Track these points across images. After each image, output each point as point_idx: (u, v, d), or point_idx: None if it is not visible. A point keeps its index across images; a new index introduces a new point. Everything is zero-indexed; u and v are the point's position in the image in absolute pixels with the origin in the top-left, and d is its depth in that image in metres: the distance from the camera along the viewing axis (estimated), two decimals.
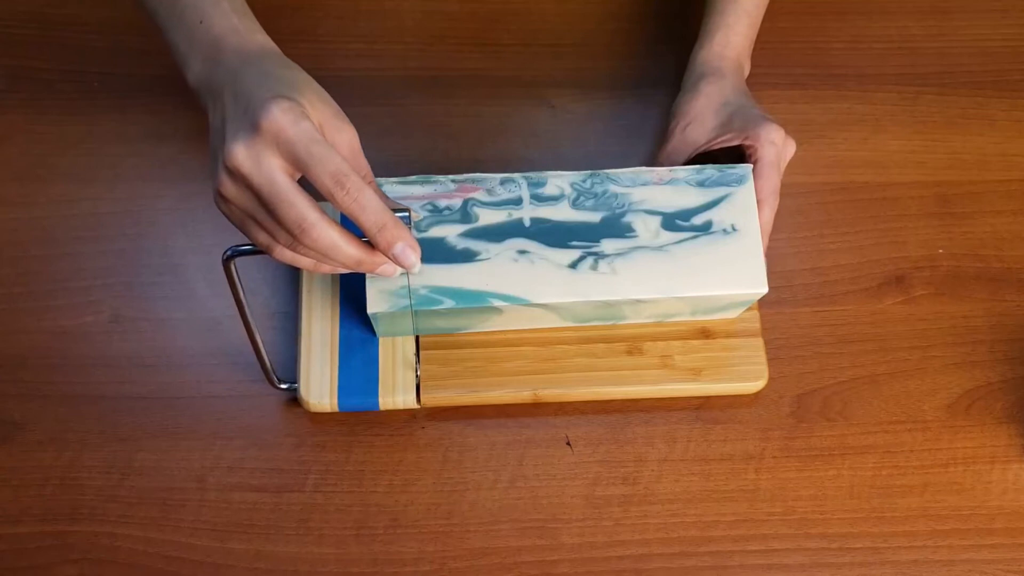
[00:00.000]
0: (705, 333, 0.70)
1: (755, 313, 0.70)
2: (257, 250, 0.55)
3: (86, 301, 0.71)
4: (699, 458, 0.69)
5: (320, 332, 0.69)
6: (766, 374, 0.69)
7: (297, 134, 0.49)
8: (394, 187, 0.64)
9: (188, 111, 0.77)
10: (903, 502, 0.68)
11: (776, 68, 0.81)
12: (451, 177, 0.65)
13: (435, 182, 0.65)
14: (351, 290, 0.69)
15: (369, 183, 0.53)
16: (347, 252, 0.52)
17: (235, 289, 0.58)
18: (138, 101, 0.77)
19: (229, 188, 0.51)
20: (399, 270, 0.56)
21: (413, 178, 0.64)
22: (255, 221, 0.52)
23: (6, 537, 0.65)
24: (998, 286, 0.74)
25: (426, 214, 0.64)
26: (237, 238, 0.57)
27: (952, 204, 0.77)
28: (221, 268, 0.72)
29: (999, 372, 0.72)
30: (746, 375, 0.69)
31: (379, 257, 0.54)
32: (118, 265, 0.72)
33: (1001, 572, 0.67)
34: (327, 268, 0.55)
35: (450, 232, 0.63)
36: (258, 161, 0.49)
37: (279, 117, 0.49)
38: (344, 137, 0.54)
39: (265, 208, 0.51)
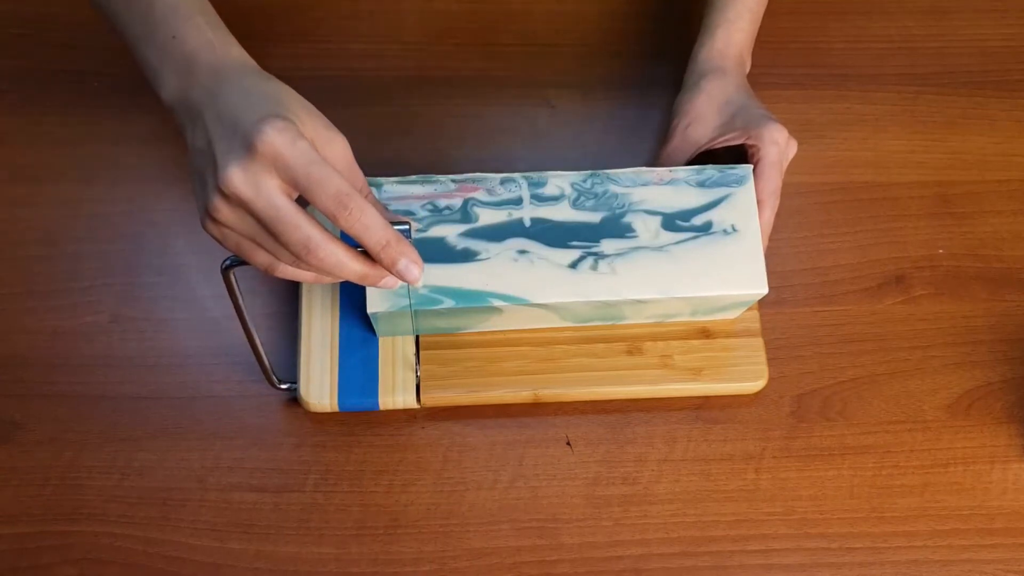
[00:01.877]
0: (705, 333, 0.70)
1: (755, 313, 0.71)
2: None
3: (86, 301, 0.71)
4: (699, 458, 0.69)
5: (320, 332, 0.69)
6: (766, 374, 0.69)
7: (295, 156, 0.48)
8: (394, 187, 0.64)
9: None
10: (903, 502, 0.68)
11: (776, 68, 0.80)
12: (451, 177, 0.65)
13: (435, 182, 0.65)
14: (351, 290, 0.69)
15: (366, 196, 0.53)
16: (352, 269, 0.52)
17: (235, 298, 0.58)
18: (138, 101, 0.77)
19: (225, 213, 0.50)
20: (400, 282, 0.56)
21: (413, 178, 0.64)
22: (254, 243, 0.51)
23: (6, 537, 0.65)
24: (998, 286, 0.74)
25: (426, 214, 0.64)
26: None
27: (952, 204, 0.77)
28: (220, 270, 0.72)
29: (999, 372, 0.72)
30: (746, 375, 0.69)
31: (382, 271, 0.53)
32: (118, 265, 0.72)
33: (1001, 572, 0.67)
34: (328, 280, 0.54)
35: (450, 232, 0.63)
36: (256, 184, 0.48)
37: (275, 138, 0.48)
38: (337, 149, 0.53)
39: (266, 230, 0.50)
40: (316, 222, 0.50)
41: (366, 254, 0.53)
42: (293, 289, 0.72)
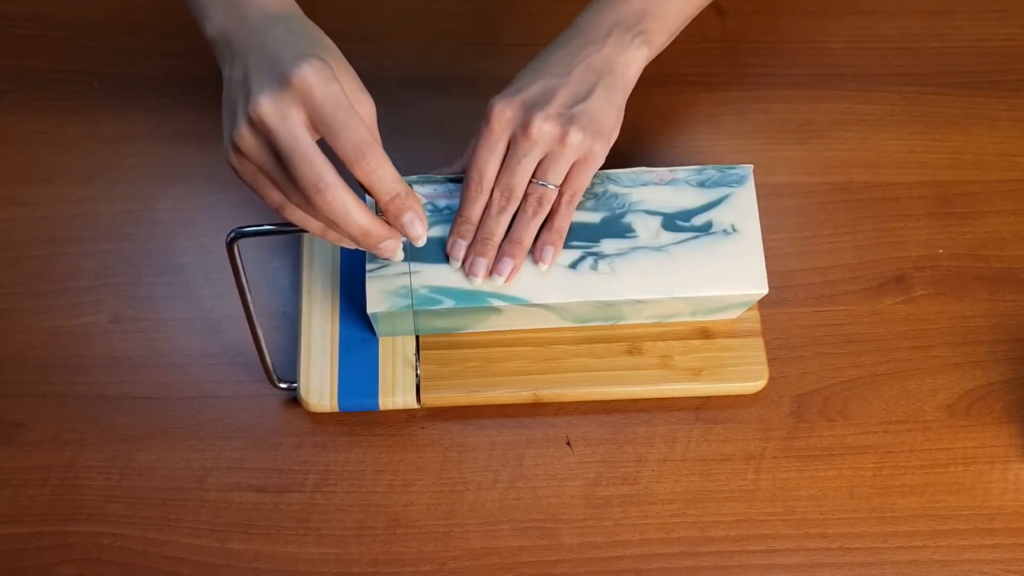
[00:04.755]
0: (705, 333, 0.70)
1: (755, 313, 0.70)
2: (260, 231, 0.55)
3: (86, 301, 0.71)
4: (699, 458, 0.69)
5: (320, 332, 0.69)
6: (766, 374, 0.69)
7: (325, 95, 0.49)
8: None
9: (188, 111, 0.77)
10: (903, 502, 0.68)
11: (776, 68, 0.80)
12: (451, 177, 0.65)
13: (435, 182, 0.65)
14: (351, 290, 0.69)
15: None
16: (357, 220, 0.52)
17: (237, 273, 0.58)
18: (138, 101, 0.77)
19: (248, 141, 0.51)
20: (399, 253, 0.56)
21: (413, 178, 0.65)
22: (269, 179, 0.52)
23: (6, 537, 0.65)
24: (998, 286, 0.74)
25: (426, 214, 0.64)
26: None
27: (952, 204, 0.77)
28: (221, 267, 0.72)
29: (999, 372, 0.72)
30: (746, 375, 0.69)
31: (384, 231, 0.54)
32: (118, 265, 0.72)
33: (1001, 572, 0.67)
34: (333, 236, 0.55)
35: None
36: (284, 115, 0.49)
37: (310, 76, 0.49)
38: (365, 110, 0.54)
39: (282, 165, 0.51)
40: (331, 166, 0.50)
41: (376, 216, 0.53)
42: (294, 289, 0.72)
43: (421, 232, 0.54)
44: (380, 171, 0.51)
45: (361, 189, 0.53)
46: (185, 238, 0.73)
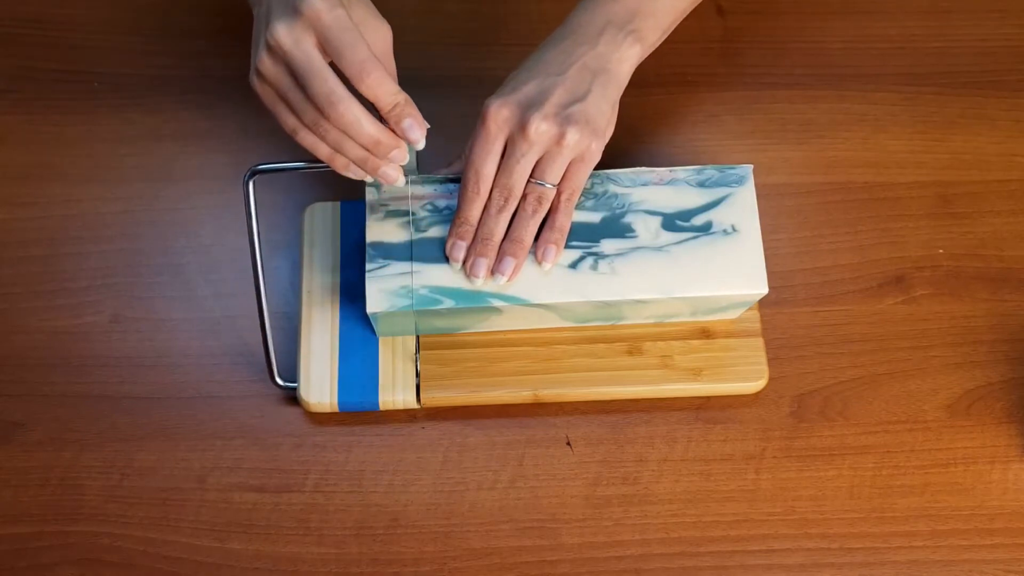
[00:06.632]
0: (705, 333, 0.70)
1: (755, 313, 0.70)
2: (277, 168, 0.61)
3: (86, 301, 0.71)
4: (699, 458, 0.69)
5: (320, 332, 0.69)
6: (766, 374, 0.69)
7: (332, 19, 0.55)
8: (395, 187, 0.64)
9: (188, 111, 0.77)
10: (903, 502, 0.68)
11: (776, 68, 0.80)
12: (450, 177, 0.65)
13: (434, 182, 0.65)
14: (351, 290, 0.69)
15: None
16: (367, 129, 0.56)
17: (249, 212, 0.61)
18: (138, 101, 0.77)
19: (267, 65, 0.56)
20: (401, 179, 0.59)
21: (413, 178, 0.65)
22: (286, 102, 0.57)
23: (6, 537, 0.65)
24: (998, 286, 0.74)
25: (426, 214, 0.64)
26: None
27: (952, 204, 0.77)
28: (221, 267, 0.72)
29: (999, 372, 0.72)
30: (746, 375, 0.69)
31: (392, 140, 0.57)
32: (118, 265, 0.72)
33: (1001, 572, 0.67)
34: (340, 162, 0.58)
35: None
36: (297, 39, 0.55)
37: (317, 3, 0.55)
38: (379, 36, 0.60)
39: (299, 86, 0.56)
40: (342, 83, 0.55)
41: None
42: (294, 289, 0.72)
43: (419, 136, 0.57)
44: (383, 86, 0.56)
45: (367, 105, 0.57)
46: (185, 238, 0.73)
